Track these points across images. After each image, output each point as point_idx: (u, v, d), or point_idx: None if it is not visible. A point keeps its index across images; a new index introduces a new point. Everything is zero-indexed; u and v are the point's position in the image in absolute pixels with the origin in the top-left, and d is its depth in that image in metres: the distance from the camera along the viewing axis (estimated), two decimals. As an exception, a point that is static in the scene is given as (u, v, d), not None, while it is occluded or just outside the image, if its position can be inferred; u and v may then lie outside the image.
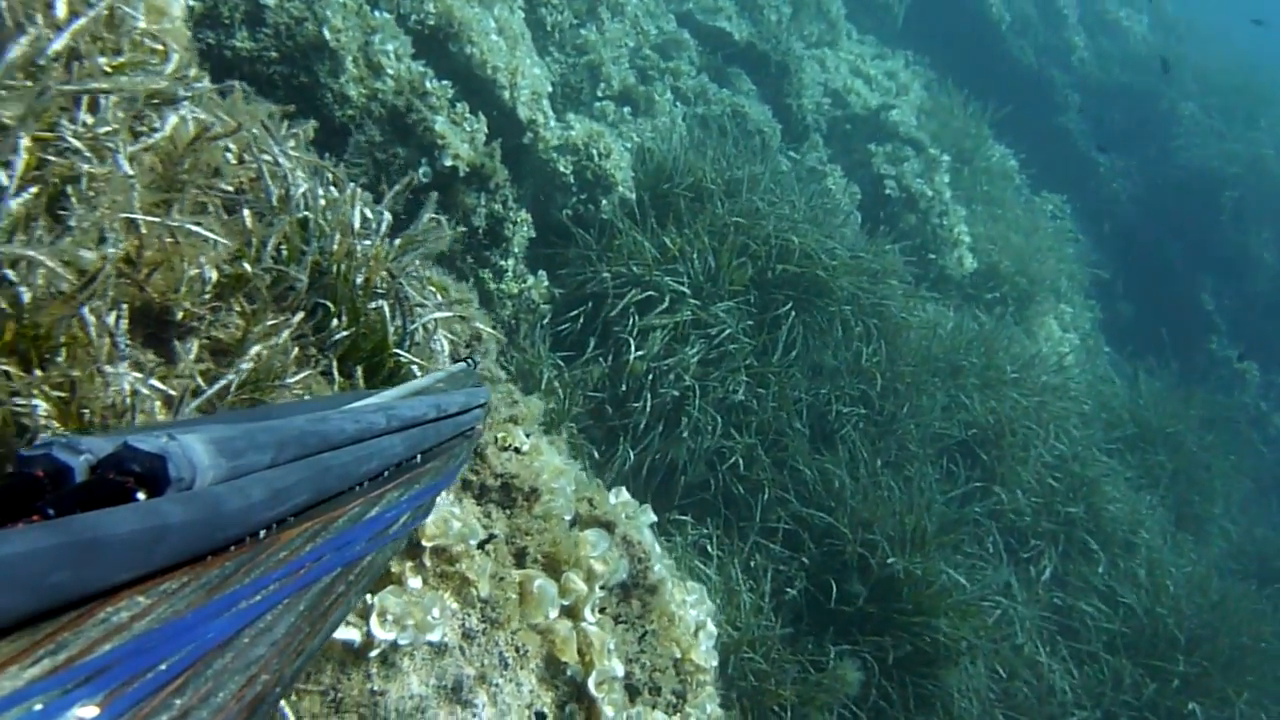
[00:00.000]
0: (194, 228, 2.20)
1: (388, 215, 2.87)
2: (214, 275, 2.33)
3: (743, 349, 8.16)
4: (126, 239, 2.16)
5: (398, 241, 2.81)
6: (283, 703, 2.16)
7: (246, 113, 2.90)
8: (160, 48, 2.48)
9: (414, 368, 2.74)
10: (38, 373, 1.83)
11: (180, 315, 2.27)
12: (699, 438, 7.79)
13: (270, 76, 5.46)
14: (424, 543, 2.65)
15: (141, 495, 0.67)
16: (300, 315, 2.45)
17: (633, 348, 7.48)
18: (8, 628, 0.51)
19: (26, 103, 1.92)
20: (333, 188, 2.76)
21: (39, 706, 0.48)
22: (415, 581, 2.57)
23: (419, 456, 1.31)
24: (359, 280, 2.66)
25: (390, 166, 5.71)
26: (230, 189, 2.44)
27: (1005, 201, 15.30)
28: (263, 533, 0.80)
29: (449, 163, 5.74)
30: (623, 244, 7.74)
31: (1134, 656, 10.90)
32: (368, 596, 2.49)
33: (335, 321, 2.59)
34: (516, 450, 3.15)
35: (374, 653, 2.43)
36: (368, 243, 2.71)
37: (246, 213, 2.52)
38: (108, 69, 2.25)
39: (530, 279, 7.23)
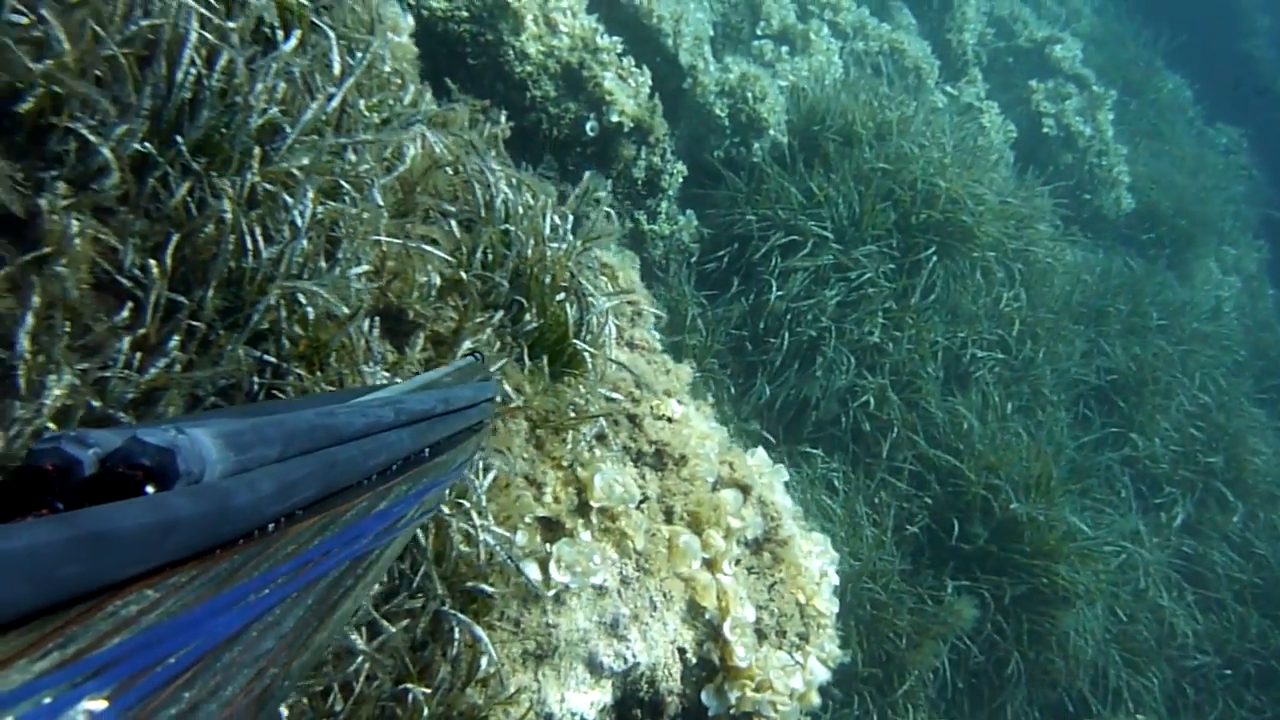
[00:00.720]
0: (426, 247, 2.69)
1: (572, 219, 3.32)
2: (437, 281, 2.83)
3: (881, 292, 8.38)
4: (374, 255, 2.68)
5: (579, 243, 3.25)
6: (479, 629, 2.72)
7: (459, 119, 3.38)
8: (399, 81, 2.95)
9: (586, 354, 3.21)
10: (319, 374, 2.37)
11: (411, 315, 2.79)
12: (832, 376, 8.12)
13: (460, 34, 5.91)
14: (592, 503, 3.16)
15: (150, 489, 0.68)
16: (501, 313, 2.95)
17: (774, 288, 7.82)
18: (16, 621, 0.51)
19: (313, 156, 2.43)
20: (527, 195, 3.22)
21: (48, 700, 0.49)
22: (585, 535, 3.09)
23: (427, 451, 1.32)
24: (547, 280, 3.13)
25: (561, 121, 6.14)
26: (451, 209, 2.92)
27: (1173, 137, 14.68)
28: (271, 526, 0.81)
29: (615, 119, 6.13)
30: (770, 188, 8.01)
31: (1264, 608, 10.87)
32: (547, 546, 3.03)
33: (527, 315, 3.08)
34: (669, 420, 3.62)
35: (550, 592, 2.97)
36: (555, 245, 3.17)
37: (454, 224, 3.01)
38: (366, 110, 2.74)
39: (681, 219, 7.61)
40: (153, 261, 2.17)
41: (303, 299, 2.35)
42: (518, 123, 6.12)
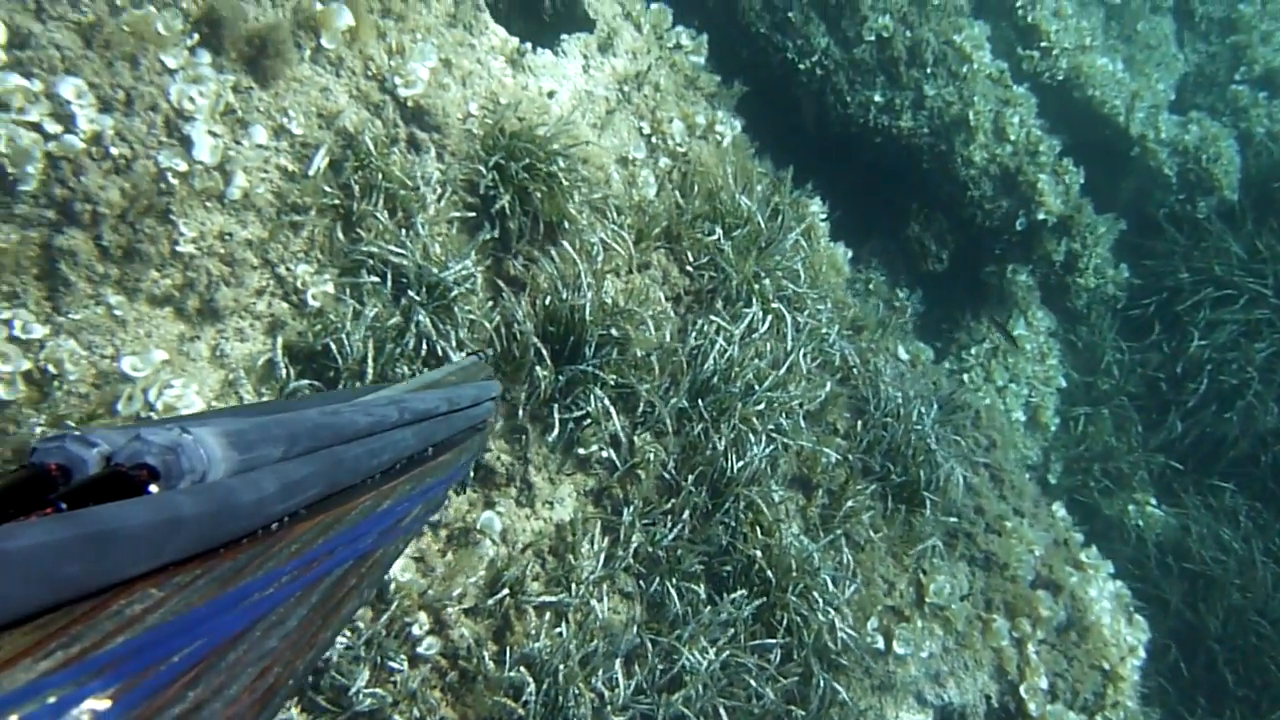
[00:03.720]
0: (827, 449, 4.24)
1: (936, 407, 4.63)
2: (835, 459, 4.37)
3: (1324, 343, 8.15)
4: (796, 448, 4.29)
5: (937, 425, 4.57)
6: (837, 684, 4.32)
7: (871, 321, 4.80)
8: (828, 331, 4.45)
9: (928, 498, 4.56)
10: (759, 529, 4.07)
11: (814, 480, 4.37)
12: (1254, 420, 8.21)
13: (919, 145, 7.06)
14: (927, 599, 4.57)
15: (154, 488, 0.66)
16: (875, 484, 4.42)
17: (1197, 338, 8.06)
18: (20, 620, 0.50)
19: (768, 404, 4.07)
20: (906, 389, 4.59)
21: (52, 700, 0.48)
22: (918, 621, 4.53)
23: (430, 450, 1.29)
24: (910, 453, 4.51)
25: (994, 214, 7.09)
26: (848, 415, 4.41)
27: None
28: (275, 525, 0.78)
29: (1040, 216, 6.94)
30: (1210, 244, 8.12)
31: None
32: (893, 626, 4.51)
33: (893, 475, 4.51)
34: (998, 534, 4.85)
35: (892, 655, 4.48)
36: (919, 428, 4.53)
37: (855, 419, 4.49)
38: (803, 357, 4.30)
39: (1110, 272, 8.11)
40: (689, 474, 3.98)
41: (752, 492, 4.04)
42: (957, 215, 7.21)
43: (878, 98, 6.92)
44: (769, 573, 3.98)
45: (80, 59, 3.17)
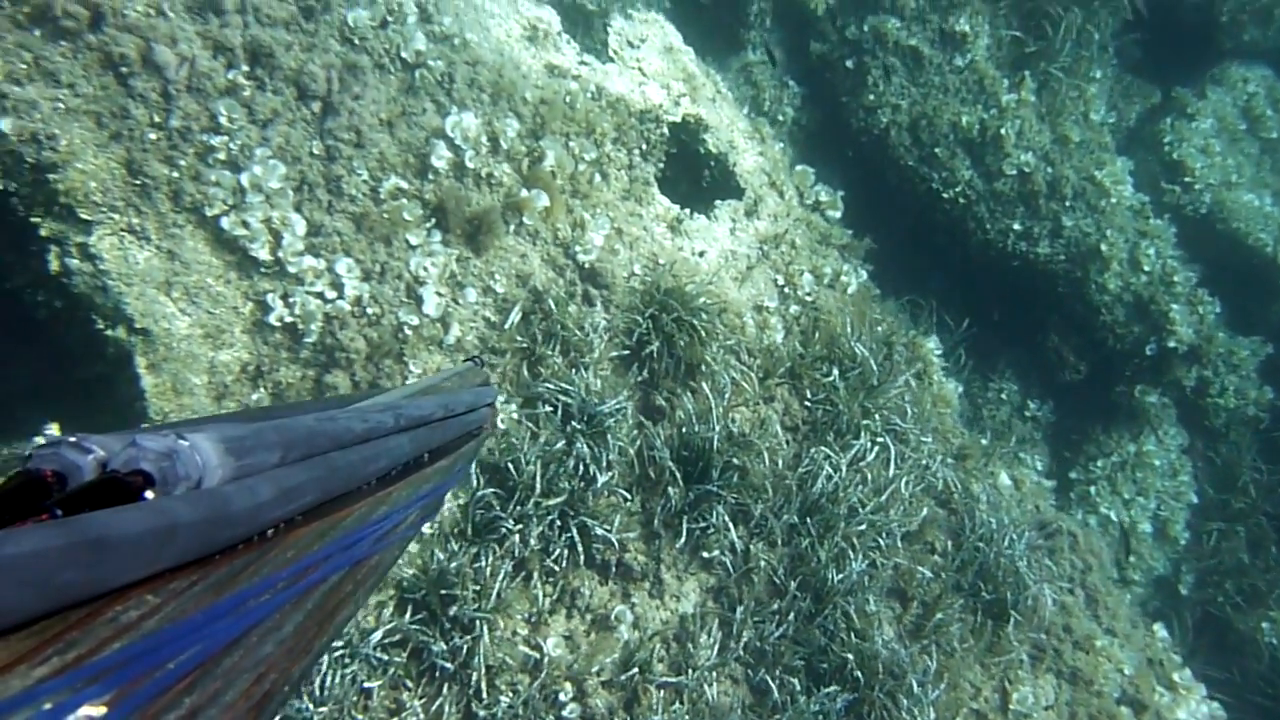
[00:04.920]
0: (921, 568, 4.78)
1: (1029, 533, 5.05)
2: (930, 575, 4.89)
3: None
4: (893, 561, 4.84)
5: (1030, 549, 4.99)
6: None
7: (976, 451, 5.29)
8: (932, 462, 4.99)
9: (1013, 620, 4.98)
10: (854, 635, 4.65)
11: (909, 592, 4.90)
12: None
13: (1056, 271, 7.40)
14: (1010, 705, 4.98)
15: (150, 494, 0.65)
16: (966, 599, 4.89)
17: (1345, 465, 7.92)
18: (16, 626, 0.49)
19: (868, 525, 4.66)
20: (1001, 514, 5.04)
21: (48, 706, 0.47)
22: (1000, 726, 4.95)
23: (426, 456, 1.27)
24: (1000, 574, 4.96)
25: (1125, 339, 7.32)
26: (942, 536, 4.92)
27: None
28: (270, 531, 0.77)
29: (1171, 344, 7.13)
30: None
31: None
32: (975, 724, 4.95)
33: (983, 592, 4.97)
34: (1086, 651, 5.19)
35: (971, 752, 4.92)
36: (1009, 551, 4.98)
37: (950, 539, 5.00)
38: (904, 486, 4.87)
39: (1253, 393, 8.08)
40: (795, 581, 4.62)
41: (849, 603, 4.63)
42: (1089, 336, 7.49)
43: (1016, 226, 7.33)
44: (860, 673, 4.55)
45: (352, 241, 4.21)
